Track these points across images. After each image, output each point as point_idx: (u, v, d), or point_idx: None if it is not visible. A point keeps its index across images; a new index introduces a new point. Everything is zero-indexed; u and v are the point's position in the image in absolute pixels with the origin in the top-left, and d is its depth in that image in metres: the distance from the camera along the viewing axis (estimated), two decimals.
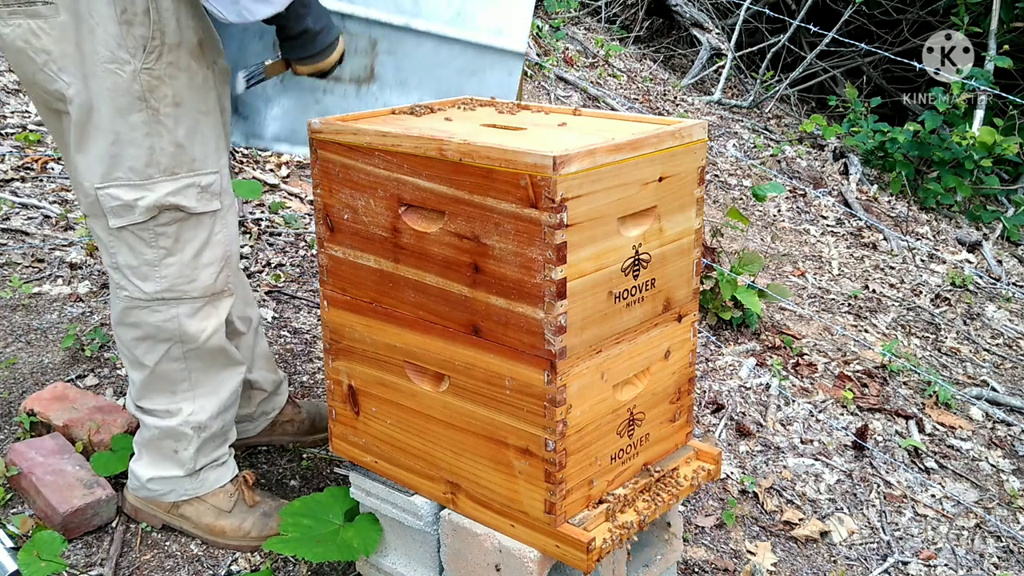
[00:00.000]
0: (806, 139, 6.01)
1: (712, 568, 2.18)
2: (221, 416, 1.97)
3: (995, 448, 2.89)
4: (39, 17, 1.63)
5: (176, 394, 1.92)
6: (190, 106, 1.72)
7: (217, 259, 1.84)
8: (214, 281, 1.85)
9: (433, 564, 1.76)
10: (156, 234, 1.77)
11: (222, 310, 1.89)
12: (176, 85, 1.69)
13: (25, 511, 2.08)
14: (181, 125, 1.72)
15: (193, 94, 1.72)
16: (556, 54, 5.88)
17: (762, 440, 2.74)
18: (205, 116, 1.75)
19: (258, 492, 2.07)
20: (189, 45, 1.70)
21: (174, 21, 1.66)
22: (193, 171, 1.75)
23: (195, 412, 1.93)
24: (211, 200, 1.79)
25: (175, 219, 1.77)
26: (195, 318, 1.85)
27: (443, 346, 1.61)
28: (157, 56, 1.66)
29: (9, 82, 4.12)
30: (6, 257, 3.10)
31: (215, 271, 1.84)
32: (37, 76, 1.68)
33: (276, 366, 2.28)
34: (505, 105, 1.91)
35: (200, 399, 1.93)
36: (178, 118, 1.71)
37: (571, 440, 1.53)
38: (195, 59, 1.71)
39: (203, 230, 1.80)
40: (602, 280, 1.52)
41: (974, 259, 4.69)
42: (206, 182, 1.77)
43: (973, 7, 5.85)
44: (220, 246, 1.84)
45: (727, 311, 3.32)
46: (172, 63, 1.67)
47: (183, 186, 1.75)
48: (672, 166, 1.61)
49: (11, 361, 2.60)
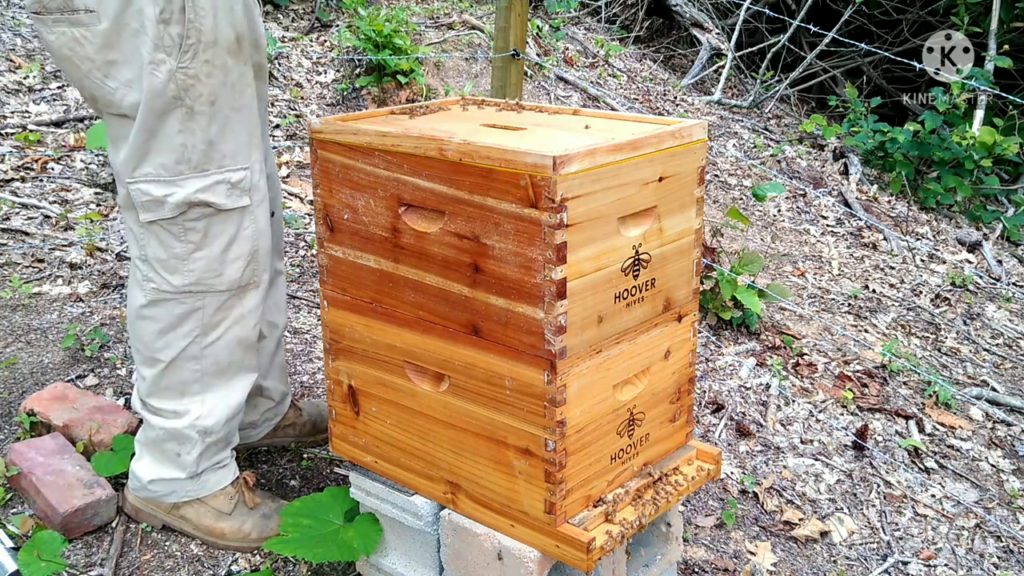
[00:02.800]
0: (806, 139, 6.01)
1: (712, 568, 2.18)
2: (228, 423, 1.96)
3: (995, 448, 2.89)
4: (81, 25, 1.64)
5: (185, 396, 1.92)
6: (224, 104, 1.72)
7: (244, 254, 1.84)
8: (240, 275, 1.85)
9: (433, 564, 1.76)
10: (185, 229, 1.78)
11: (247, 301, 1.89)
12: (212, 83, 1.69)
13: (25, 511, 2.08)
14: (214, 123, 1.72)
15: (228, 92, 1.72)
16: (556, 54, 5.88)
17: (762, 440, 2.74)
18: (238, 112, 1.75)
19: (259, 493, 2.07)
20: (226, 42, 1.70)
21: (211, 18, 1.66)
22: (223, 168, 1.76)
23: (203, 416, 1.92)
24: (240, 196, 1.79)
25: (204, 215, 1.77)
26: (220, 310, 1.86)
27: (443, 346, 1.61)
28: (193, 55, 1.66)
29: (9, 82, 4.13)
30: (6, 257, 3.10)
31: (242, 265, 1.84)
32: (84, 82, 1.71)
33: (287, 378, 2.27)
34: (505, 105, 1.92)
35: (209, 403, 1.93)
36: (212, 116, 1.72)
37: (571, 440, 1.53)
38: (232, 56, 1.72)
39: (231, 225, 1.81)
40: (602, 280, 1.52)
41: (974, 259, 4.69)
42: (236, 179, 1.78)
43: (973, 7, 5.85)
44: (248, 241, 1.84)
45: (727, 311, 3.32)
46: (208, 61, 1.68)
47: (213, 183, 1.75)
48: (672, 166, 1.61)
49: (11, 361, 2.60)
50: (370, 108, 4.69)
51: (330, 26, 5.41)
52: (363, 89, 4.74)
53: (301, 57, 4.96)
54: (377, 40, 4.61)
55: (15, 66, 4.27)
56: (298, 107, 4.56)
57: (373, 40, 4.61)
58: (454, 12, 5.81)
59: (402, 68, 4.63)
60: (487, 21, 5.64)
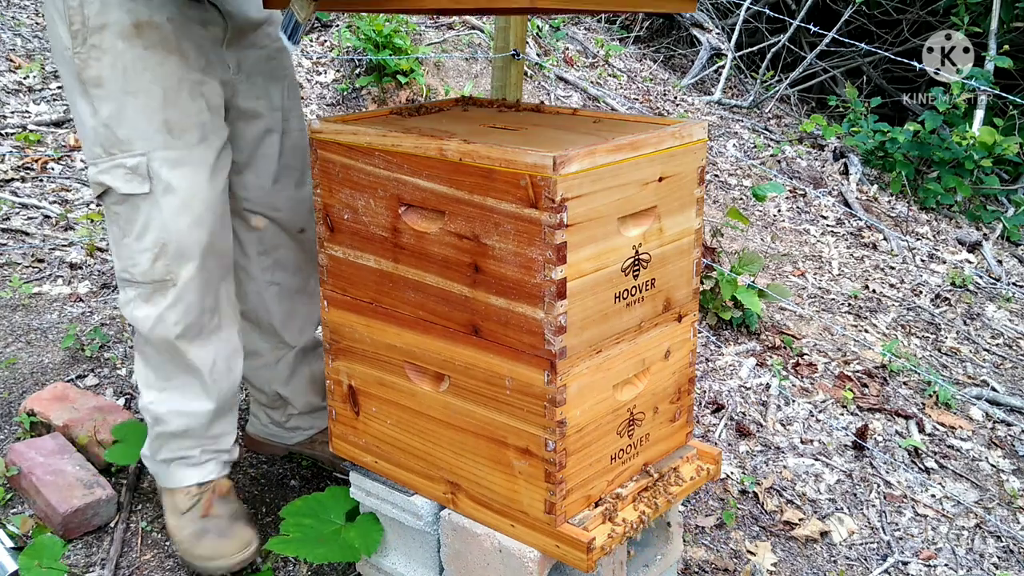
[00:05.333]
0: (806, 139, 6.00)
1: (712, 568, 2.18)
2: (182, 418, 1.91)
3: (995, 448, 2.89)
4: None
5: (141, 375, 1.93)
6: (113, 87, 1.71)
7: (150, 245, 1.78)
8: (150, 267, 1.79)
9: (433, 564, 1.76)
10: (112, 212, 1.80)
11: (164, 299, 1.81)
12: (100, 67, 1.70)
13: (25, 511, 2.08)
14: (104, 106, 1.72)
15: (117, 75, 1.71)
16: (556, 54, 5.88)
17: (762, 440, 2.74)
18: (133, 97, 1.72)
19: (229, 508, 1.98)
20: (118, 26, 1.70)
21: (98, 3, 1.68)
22: (122, 151, 1.75)
23: (154, 402, 1.91)
24: (141, 183, 1.75)
25: (116, 200, 1.78)
26: (145, 305, 1.83)
27: (443, 346, 1.61)
28: (82, 39, 1.69)
29: (9, 82, 4.13)
30: (6, 257, 3.10)
31: (151, 257, 1.79)
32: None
33: (319, 392, 2.22)
34: (505, 104, 1.92)
35: (154, 391, 1.91)
36: (102, 99, 1.72)
37: (571, 440, 1.53)
38: (124, 40, 1.70)
39: (140, 213, 1.77)
40: (602, 280, 1.52)
41: (974, 259, 4.69)
42: (131, 163, 1.74)
43: (973, 7, 5.85)
44: (154, 231, 1.77)
45: (727, 311, 3.32)
46: (96, 45, 1.69)
47: (112, 165, 1.75)
48: (672, 166, 1.61)
49: (11, 361, 2.60)
50: (370, 108, 4.69)
51: (330, 26, 5.41)
52: (363, 89, 4.74)
53: (301, 57, 4.96)
54: (377, 40, 4.60)
55: (15, 66, 4.27)
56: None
57: (373, 40, 4.61)
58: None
59: (402, 68, 4.63)
60: (487, 21, 5.64)
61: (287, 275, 2.09)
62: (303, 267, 2.10)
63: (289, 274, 2.09)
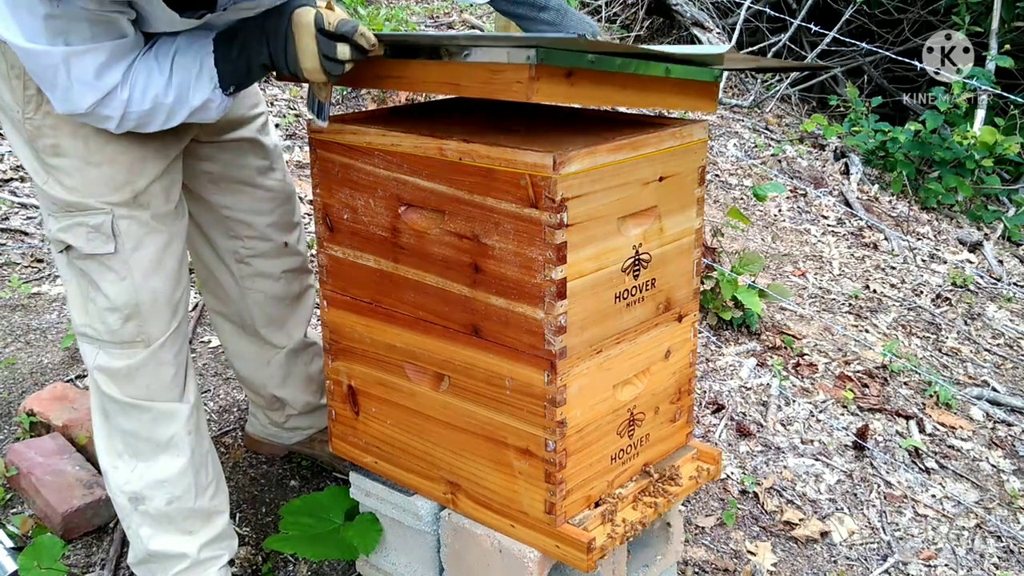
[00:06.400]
0: (807, 139, 6.00)
1: (712, 568, 2.18)
2: (164, 489, 1.73)
3: (995, 448, 2.89)
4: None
5: (111, 453, 1.75)
6: (75, 157, 1.58)
7: (121, 305, 1.65)
8: (120, 327, 1.67)
9: (433, 564, 1.76)
10: (78, 270, 1.67)
11: (133, 360, 1.69)
12: (58, 135, 1.57)
13: (25, 511, 2.07)
14: (65, 174, 1.59)
15: (79, 145, 1.58)
16: None
17: (762, 440, 2.74)
18: (96, 167, 1.59)
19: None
20: None
21: None
22: (81, 211, 1.61)
23: (130, 482, 1.73)
24: (105, 242, 1.62)
25: (79, 256, 1.65)
26: (112, 362, 1.70)
27: (443, 346, 1.61)
28: (36, 105, 1.56)
29: None
30: (6, 257, 3.10)
31: (120, 318, 1.66)
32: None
33: (317, 391, 2.19)
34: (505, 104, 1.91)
35: (129, 462, 1.73)
36: (61, 168, 1.59)
37: (571, 440, 1.53)
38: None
39: (107, 272, 1.65)
40: (602, 280, 1.52)
41: (975, 259, 4.69)
42: (95, 222, 1.61)
43: (974, 7, 5.84)
44: (125, 293, 1.65)
45: (727, 311, 3.31)
46: (50, 113, 1.56)
47: (72, 223, 1.62)
48: (672, 166, 1.60)
49: (11, 361, 2.60)
50: (370, 108, 4.69)
51: None
52: (363, 89, 4.74)
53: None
54: None
55: None
56: (298, 107, 4.55)
57: None
58: (454, 12, 5.81)
59: None
60: (487, 21, 5.64)
61: (269, 282, 2.03)
62: (286, 274, 2.05)
63: (271, 281, 2.03)
